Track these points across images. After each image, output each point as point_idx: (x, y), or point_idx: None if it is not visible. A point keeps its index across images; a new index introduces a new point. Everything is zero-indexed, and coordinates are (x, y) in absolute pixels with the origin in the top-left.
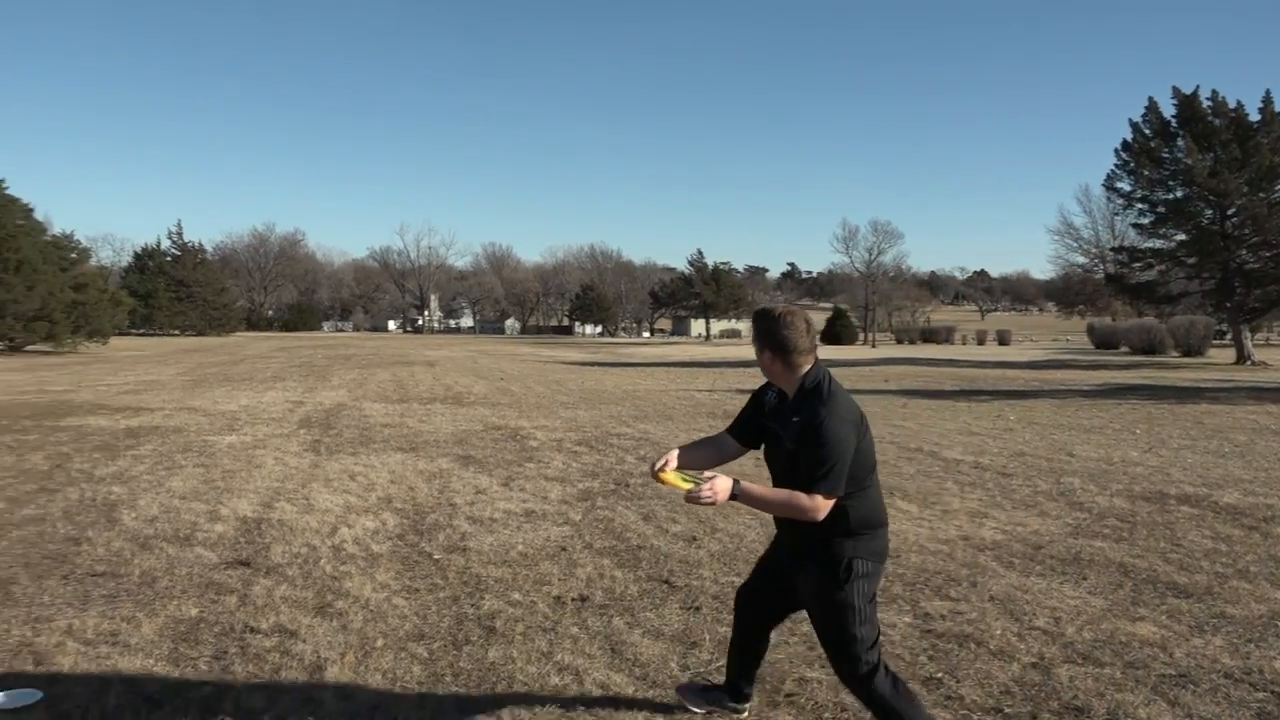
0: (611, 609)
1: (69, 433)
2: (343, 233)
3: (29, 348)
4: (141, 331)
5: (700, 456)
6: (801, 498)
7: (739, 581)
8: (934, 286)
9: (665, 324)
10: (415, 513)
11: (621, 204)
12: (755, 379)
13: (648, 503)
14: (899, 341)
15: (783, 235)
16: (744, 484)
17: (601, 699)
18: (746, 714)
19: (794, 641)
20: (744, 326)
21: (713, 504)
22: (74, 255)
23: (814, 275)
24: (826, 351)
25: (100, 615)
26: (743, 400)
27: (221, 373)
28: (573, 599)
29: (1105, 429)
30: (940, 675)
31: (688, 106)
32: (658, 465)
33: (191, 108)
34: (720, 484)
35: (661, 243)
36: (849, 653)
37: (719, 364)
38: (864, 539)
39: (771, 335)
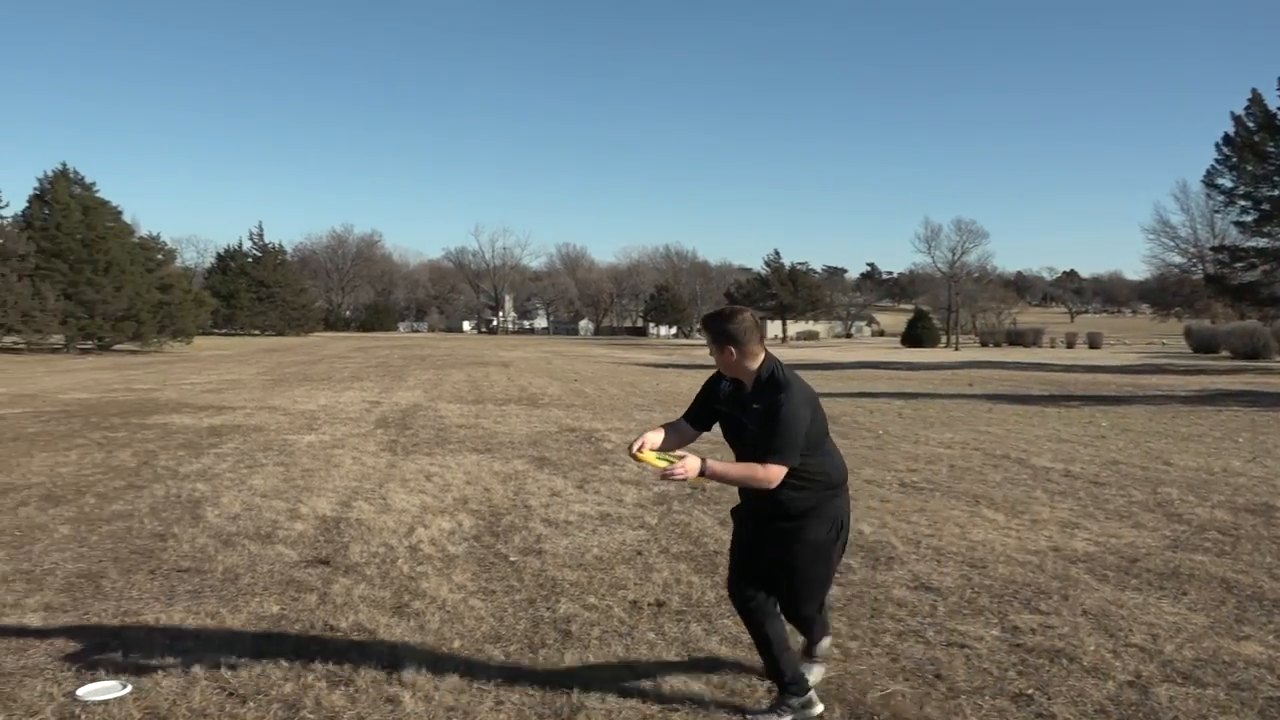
0: (689, 615)
1: (155, 430)
2: (419, 234)
3: (116, 347)
4: (223, 331)
5: (667, 440)
6: (758, 468)
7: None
8: (1020, 287)
9: None
10: (491, 514)
11: (697, 204)
12: (832, 382)
13: (724, 507)
14: (983, 344)
15: (862, 235)
16: (710, 462)
17: (679, 706)
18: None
19: (876, 653)
20: (822, 328)
21: (684, 480)
22: (160, 256)
23: (894, 276)
24: (907, 354)
25: (185, 610)
26: (834, 403)
27: (300, 372)
28: (649, 604)
29: (1205, 437)
30: (1030, 691)
31: (764, 105)
32: (635, 446)
33: (272, 109)
34: (690, 463)
35: (738, 243)
36: (821, 593)
37: (796, 366)
38: (844, 495)
39: (728, 334)
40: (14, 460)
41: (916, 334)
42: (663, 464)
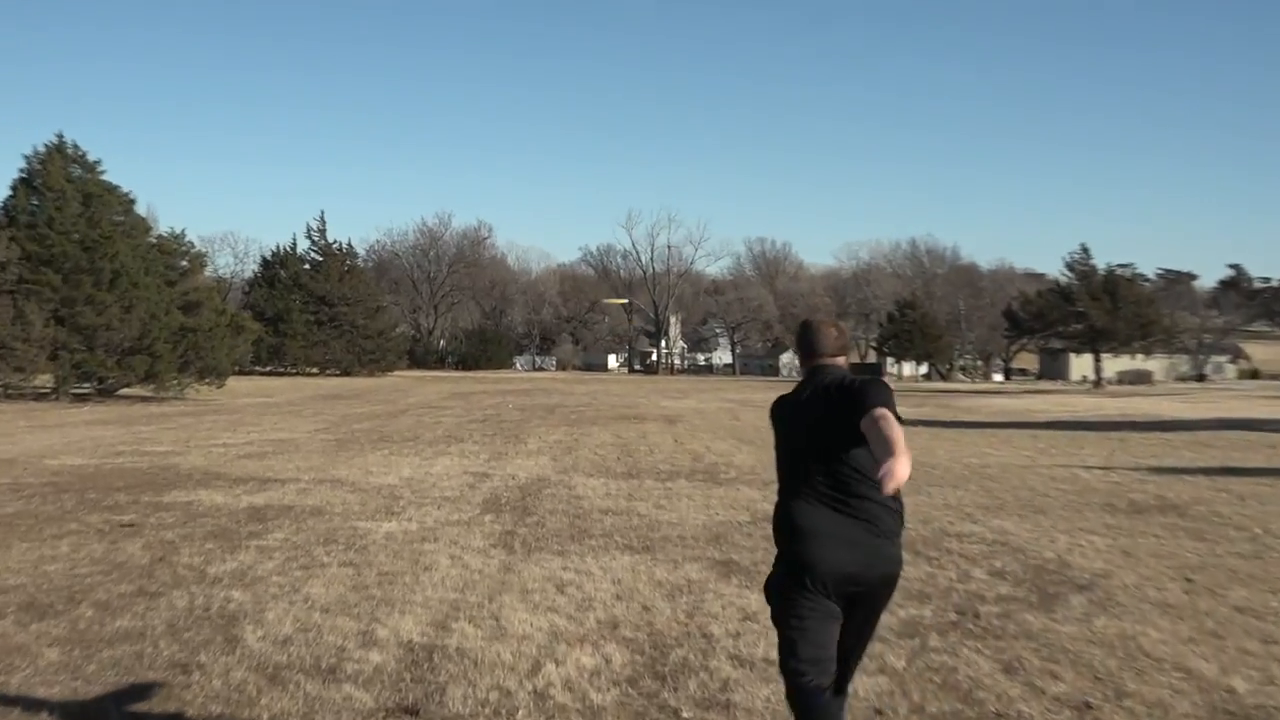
0: None
1: (175, 512)
2: (545, 227)
3: (124, 391)
4: (268, 369)
5: None
6: None
7: None
8: None
9: (1029, 361)
10: (653, 645)
11: (957, 183)
12: (1176, 449)
13: (1010, 643)
14: None
15: (1221, 223)
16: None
17: None
18: None
19: None
20: (1159, 366)
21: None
22: (184, 263)
23: (1274, 285)
24: None
25: None
26: (1181, 484)
27: (376, 429)
28: None
29: None
30: None
31: (1061, 53)
32: None
33: (338, 55)
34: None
35: (1020, 237)
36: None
37: (1120, 425)
38: (800, 543)
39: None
40: None
41: None
42: None
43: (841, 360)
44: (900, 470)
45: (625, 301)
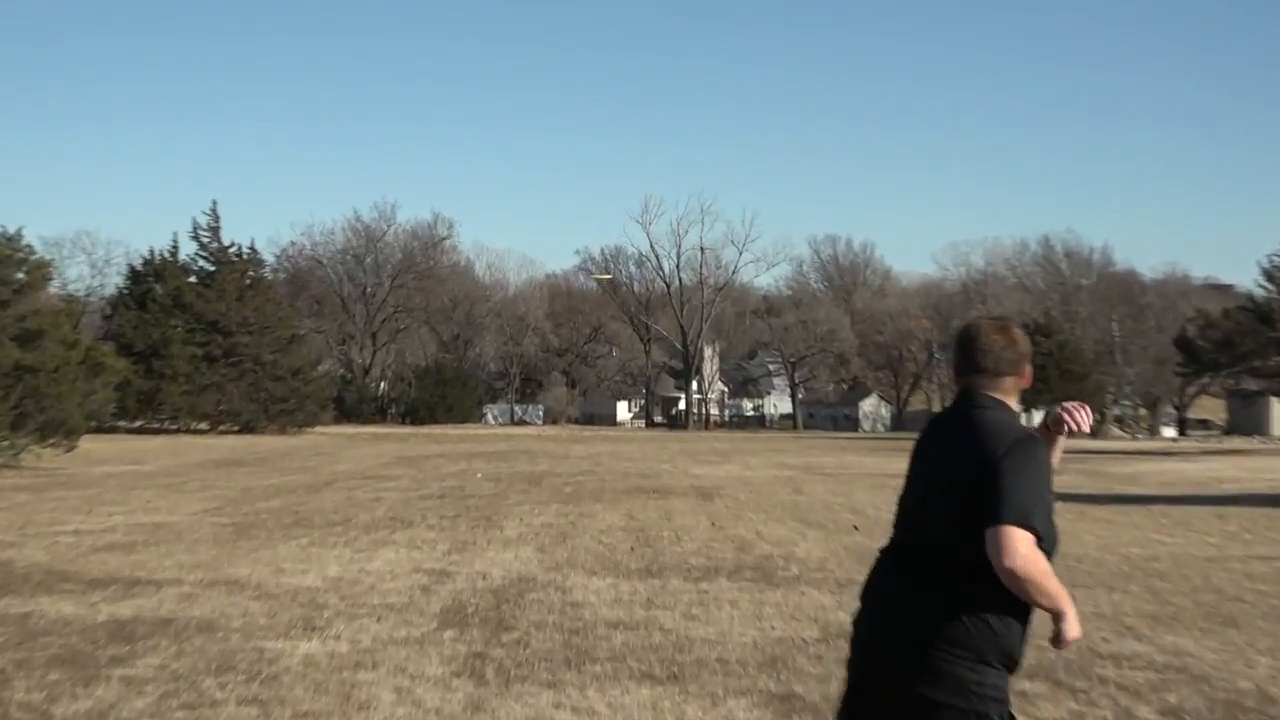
0: None
1: (5, 628)
2: (527, 223)
3: None
4: (138, 425)
5: None
6: None
7: None
8: None
9: (1212, 408)
10: None
11: (1106, 162)
12: None
13: None
14: None
15: None
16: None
17: None
18: None
19: None
20: None
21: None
22: (20, 276)
23: None
24: None
25: None
26: None
27: (290, 509)
28: None
29: None
30: None
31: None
32: None
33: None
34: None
35: (1197, 235)
36: None
37: None
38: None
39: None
40: None
41: None
42: None
43: (1009, 383)
44: (1072, 633)
45: (609, 277)
